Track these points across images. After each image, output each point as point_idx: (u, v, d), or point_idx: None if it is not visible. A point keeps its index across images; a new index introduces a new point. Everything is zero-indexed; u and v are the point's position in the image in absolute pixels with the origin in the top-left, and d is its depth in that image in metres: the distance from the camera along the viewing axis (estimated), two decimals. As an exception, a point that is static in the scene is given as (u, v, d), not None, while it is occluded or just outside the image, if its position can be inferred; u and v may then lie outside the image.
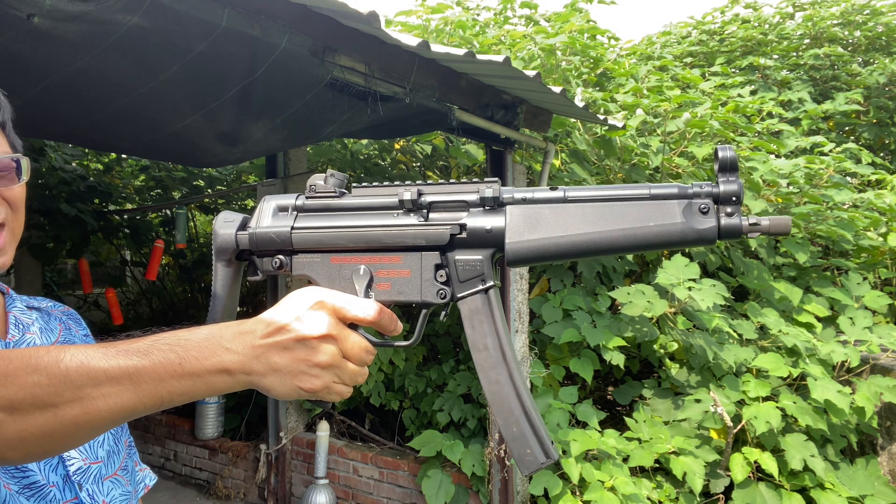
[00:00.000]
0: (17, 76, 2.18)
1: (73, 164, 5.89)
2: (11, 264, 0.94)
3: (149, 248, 6.03)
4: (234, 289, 0.82)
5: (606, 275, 4.07)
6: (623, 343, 3.54)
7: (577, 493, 3.14)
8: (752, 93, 6.62)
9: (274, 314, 0.70)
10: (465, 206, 0.75)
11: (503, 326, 0.74)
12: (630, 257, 3.82)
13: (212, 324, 0.72)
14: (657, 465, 3.32)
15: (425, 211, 0.75)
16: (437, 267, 0.74)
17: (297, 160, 4.48)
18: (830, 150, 4.70)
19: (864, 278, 4.19)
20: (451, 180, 0.76)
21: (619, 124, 3.73)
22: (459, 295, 0.74)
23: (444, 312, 0.78)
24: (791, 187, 4.38)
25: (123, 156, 6.49)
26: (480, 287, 0.73)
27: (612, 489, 3.05)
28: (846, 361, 3.61)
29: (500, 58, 2.49)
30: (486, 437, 3.70)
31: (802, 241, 4.22)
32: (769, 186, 4.37)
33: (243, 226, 0.82)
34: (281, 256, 0.79)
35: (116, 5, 1.70)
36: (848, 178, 4.85)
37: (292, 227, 0.78)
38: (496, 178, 0.75)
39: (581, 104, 3.46)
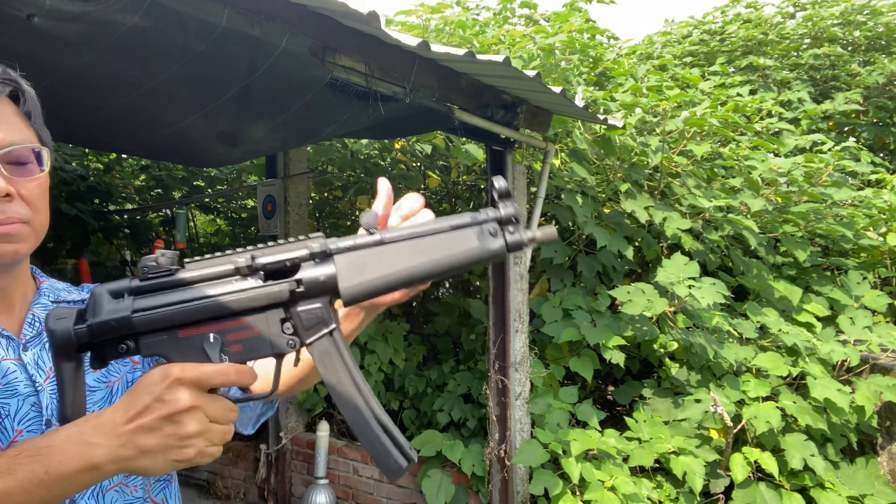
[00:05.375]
0: (17, 76, 2.18)
1: (73, 164, 5.89)
2: None
3: (149, 248, 6.02)
4: (80, 381, 0.80)
5: (606, 274, 4.07)
6: (623, 342, 3.53)
7: (578, 493, 3.14)
8: (752, 92, 6.62)
9: (131, 399, 0.71)
10: (296, 262, 0.79)
11: (351, 361, 0.80)
12: (630, 256, 3.83)
13: (66, 423, 0.74)
14: (657, 465, 3.32)
15: (262, 272, 0.79)
16: (283, 321, 0.78)
17: (298, 160, 4.48)
18: (829, 149, 4.70)
19: (864, 278, 4.19)
20: (280, 241, 0.81)
21: (619, 124, 3.73)
22: (307, 341, 0.79)
23: (296, 356, 0.82)
24: (790, 186, 4.38)
25: (123, 156, 6.49)
26: (325, 331, 0.79)
27: (613, 489, 3.05)
28: (846, 361, 3.61)
29: (500, 58, 2.49)
30: (486, 437, 3.70)
31: (802, 239, 4.21)
32: (768, 185, 4.37)
33: (79, 319, 0.78)
34: (127, 342, 0.78)
35: (116, 5, 1.70)
36: (848, 179, 4.85)
37: (132, 311, 0.77)
38: (320, 233, 0.80)
39: (581, 103, 3.46)
